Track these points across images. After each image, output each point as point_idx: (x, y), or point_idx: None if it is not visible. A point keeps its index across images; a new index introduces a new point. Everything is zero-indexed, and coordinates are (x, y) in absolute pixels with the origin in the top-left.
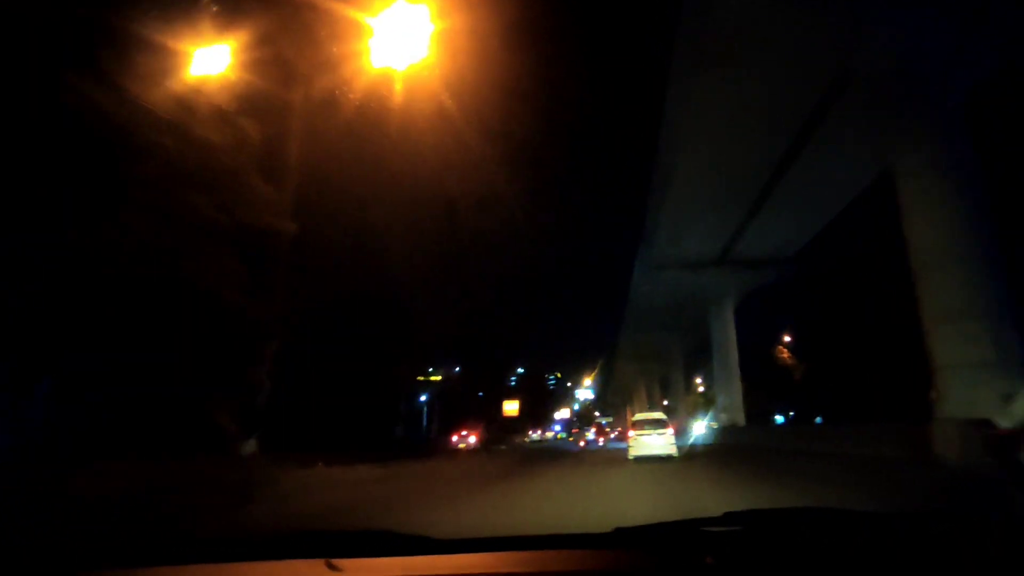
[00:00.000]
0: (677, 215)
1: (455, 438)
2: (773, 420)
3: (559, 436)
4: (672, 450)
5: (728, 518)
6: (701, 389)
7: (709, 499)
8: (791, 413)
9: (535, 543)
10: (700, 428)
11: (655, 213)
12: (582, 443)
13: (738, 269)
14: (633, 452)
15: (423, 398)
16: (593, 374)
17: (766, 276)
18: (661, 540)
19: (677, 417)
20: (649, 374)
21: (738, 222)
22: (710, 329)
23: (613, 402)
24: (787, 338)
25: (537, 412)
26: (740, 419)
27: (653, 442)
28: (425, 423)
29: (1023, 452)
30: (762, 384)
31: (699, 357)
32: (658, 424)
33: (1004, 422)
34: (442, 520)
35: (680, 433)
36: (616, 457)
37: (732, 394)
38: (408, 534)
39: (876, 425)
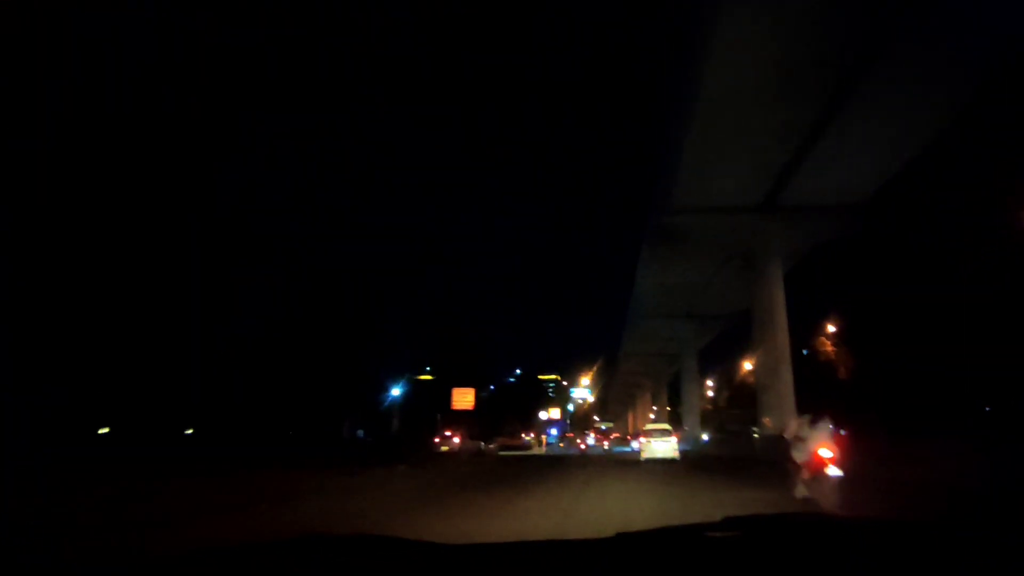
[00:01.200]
0: (712, 125)
1: (437, 439)
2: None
3: (547, 442)
4: (675, 454)
5: (728, 523)
6: (711, 394)
7: None
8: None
9: (537, 548)
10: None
11: (680, 121)
12: (583, 446)
13: (791, 218)
14: (644, 455)
15: (395, 393)
16: (591, 373)
17: (823, 230)
18: (663, 545)
19: (690, 422)
20: (656, 376)
21: (798, 143)
22: (752, 301)
23: (614, 408)
24: (831, 327)
25: (531, 415)
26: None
27: (660, 447)
28: (396, 424)
29: (792, 449)
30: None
31: (715, 350)
32: (664, 433)
33: (785, 434)
34: None
35: (684, 440)
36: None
37: (780, 390)
38: (415, 540)
39: None
